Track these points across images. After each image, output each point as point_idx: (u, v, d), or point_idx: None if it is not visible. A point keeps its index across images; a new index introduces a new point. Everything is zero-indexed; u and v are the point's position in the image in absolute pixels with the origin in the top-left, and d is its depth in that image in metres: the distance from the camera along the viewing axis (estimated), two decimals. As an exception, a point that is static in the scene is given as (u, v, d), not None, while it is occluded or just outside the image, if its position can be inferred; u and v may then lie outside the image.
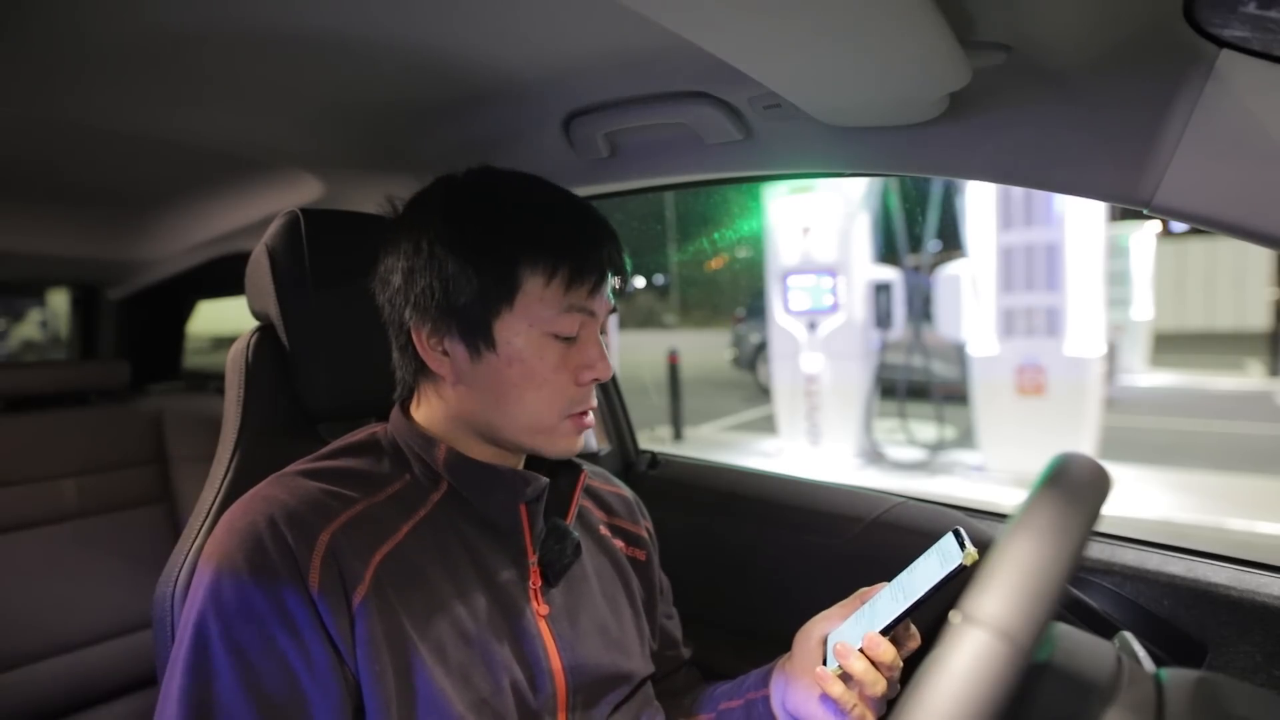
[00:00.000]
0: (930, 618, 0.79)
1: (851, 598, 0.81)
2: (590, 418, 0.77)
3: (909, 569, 0.75)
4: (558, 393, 0.73)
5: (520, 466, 0.82)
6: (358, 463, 0.75)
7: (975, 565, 0.67)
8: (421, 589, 0.69)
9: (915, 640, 0.76)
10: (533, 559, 0.77)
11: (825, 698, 0.75)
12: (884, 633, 0.72)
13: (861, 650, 0.72)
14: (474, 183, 0.77)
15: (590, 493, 0.93)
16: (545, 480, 0.77)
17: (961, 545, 0.69)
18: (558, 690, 0.74)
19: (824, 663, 0.77)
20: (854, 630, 0.75)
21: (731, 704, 0.88)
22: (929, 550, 0.74)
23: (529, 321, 0.71)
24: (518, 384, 0.72)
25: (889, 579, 0.78)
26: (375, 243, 0.85)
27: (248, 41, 0.81)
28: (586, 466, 0.88)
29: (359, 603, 0.65)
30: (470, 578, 0.72)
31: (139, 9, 0.73)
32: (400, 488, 0.74)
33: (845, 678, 0.73)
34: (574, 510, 0.82)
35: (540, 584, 0.77)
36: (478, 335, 0.71)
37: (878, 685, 0.71)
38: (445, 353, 0.74)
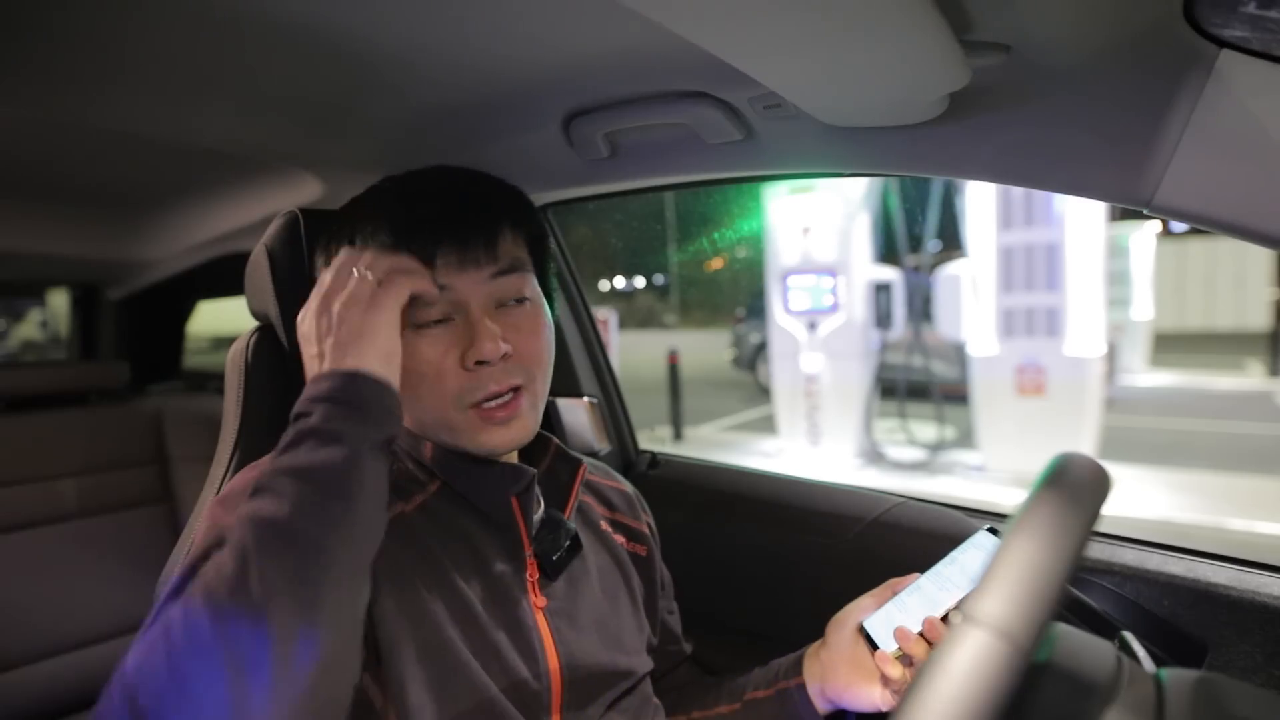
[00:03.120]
0: None
1: (882, 587, 0.84)
2: (520, 405, 0.71)
3: (947, 560, 0.79)
4: (443, 383, 0.69)
5: (515, 460, 0.82)
6: None
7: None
8: (417, 579, 0.69)
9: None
10: (529, 551, 0.77)
11: (857, 682, 0.79)
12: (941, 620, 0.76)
13: (920, 634, 0.75)
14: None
15: (591, 488, 0.93)
16: (532, 471, 0.76)
17: None
18: (552, 684, 0.74)
19: (870, 648, 0.80)
20: (892, 617, 0.78)
21: (761, 694, 0.88)
22: (964, 545, 0.78)
23: None
24: (410, 383, 0.69)
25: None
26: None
27: (248, 41, 0.81)
28: (587, 460, 0.88)
29: None
30: (467, 570, 0.72)
31: (139, 9, 0.73)
32: (394, 479, 0.74)
33: (904, 659, 0.75)
34: (573, 503, 0.82)
35: (538, 577, 0.77)
36: None
37: None
38: None
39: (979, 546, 0.76)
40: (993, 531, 0.77)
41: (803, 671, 0.85)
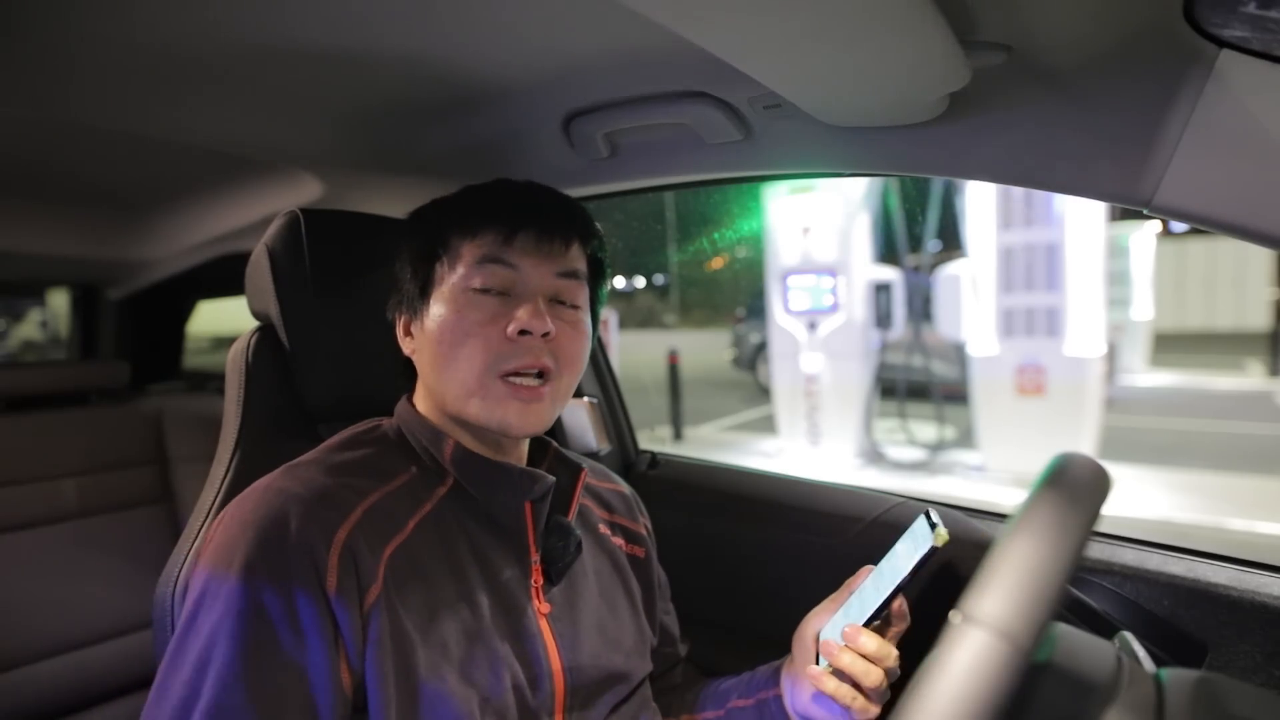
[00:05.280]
0: (917, 606, 0.79)
1: (840, 590, 0.82)
2: (543, 393, 0.74)
3: (888, 556, 0.75)
4: (483, 346, 0.72)
5: (524, 464, 0.82)
6: (366, 453, 0.75)
7: (946, 546, 0.69)
8: (427, 586, 0.69)
9: (904, 621, 0.76)
10: (535, 557, 0.77)
11: (820, 695, 0.76)
12: (867, 624, 0.73)
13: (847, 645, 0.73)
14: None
15: (590, 490, 0.93)
16: (552, 479, 0.77)
17: (933, 527, 0.70)
18: (556, 690, 0.74)
19: (817, 660, 0.77)
20: (842, 624, 0.76)
21: (742, 703, 0.88)
22: (904, 535, 0.75)
23: (453, 282, 0.75)
24: (447, 341, 0.73)
25: None
26: (375, 243, 0.85)
27: (248, 42, 0.81)
28: (586, 464, 0.89)
29: (373, 602, 0.64)
30: (474, 575, 0.72)
31: (139, 10, 0.73)
32: (408, 479, 0.74)
33: (838, 673, 0.73)
34: (575, 507, 0.82)
35: (542, 582, 0.77)
36: (421, 304, 0.77)
37: (870, 675, 0.72)
38: (411, 335, 0.79)
39: (914, 536, 0.72)
40: (926, 517, 0.72)
41: (780, 682, 0.85)
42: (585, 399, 1.43)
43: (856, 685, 0.73)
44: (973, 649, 0.43)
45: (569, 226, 0.77)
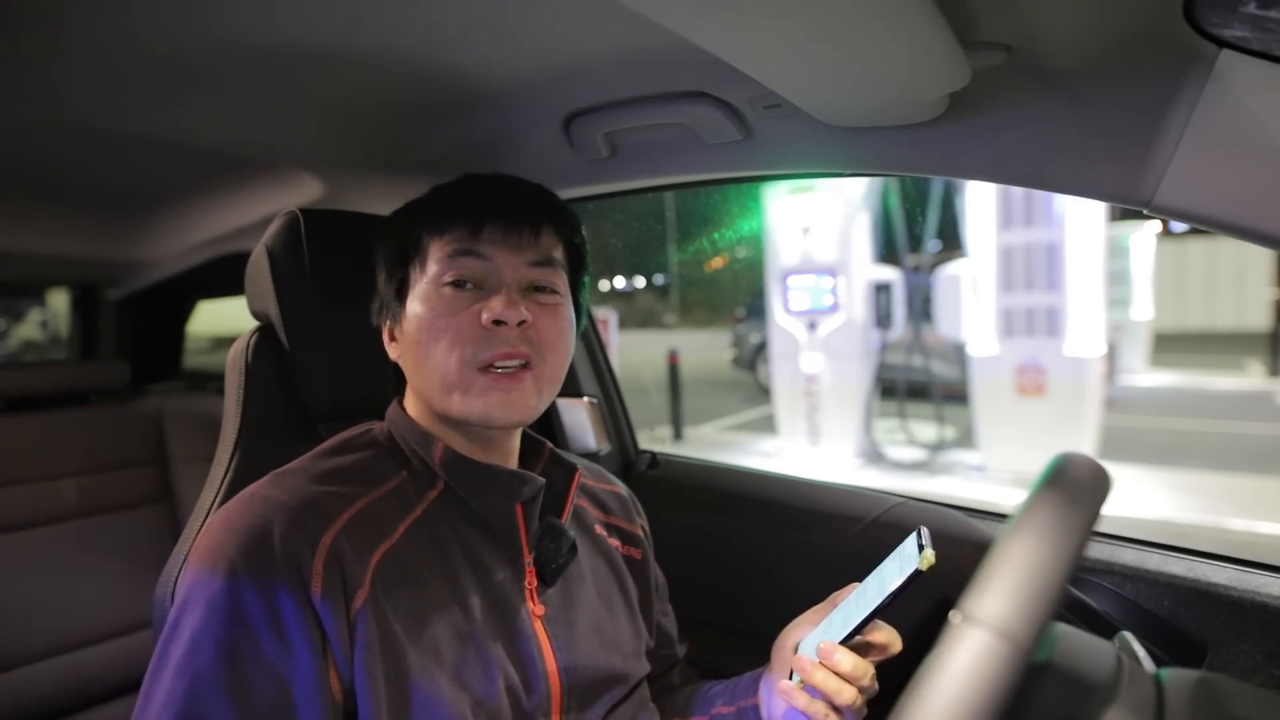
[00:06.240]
0: (902, 619, 0.77)
1: (825, 602, 0.80)
2: (525, 380, 0.73)
3: (874, 572, 0.73)
4: (459, 339, 0.71)
5: (515, 466, 0.82)
6: (355, 459, 0.75)
7: (945, 548, 0.67)
8: (418, 590, 0.69)
9: (888, 641, 0.73)
10: (528, 559, 0.77)
11: (793, 710, 0.74)
12: (844, 641, 0.70)
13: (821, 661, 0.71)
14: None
15: (586, 491, 0.93)
16: (542, 480, 0.77)
17: (920, 548, 0.67)
18: (552, 691, 0.73)
19: (791, 674, 0.75)
20: (821, 638, 0.73)
21: (725, 709, 0.87)
22: (893, 553, 0.72)
23: (426, 281, 0.75)
24: (424, 339, 0.73)
25: None
26: (375, 243, 0.85)
27: (248, 42, 0.81)
28: (582, 464, 0.88)
29: (359, 606, 0.64)
30: (466, 578, 0.72)
31: (139, 10, 0.73)
32: (397, 484, 0.74)
33: (811, 689, 0.72)
34: (569, 509, 0.82)
35: (536, 584, 0.77)
36: (399, 307, 0.77)
37: (842, 694, 0.69)
38: (394, 340, 0.79)
39: (902, 555, 0.69)
40: (918, 536, 0.69)
41: (759, 690, 0.84)
42: (585, 399, 1.43)
43: (830, 702, 0.71)
44: (973, 649, 0.43)
45: (537, 215, 0.77)
